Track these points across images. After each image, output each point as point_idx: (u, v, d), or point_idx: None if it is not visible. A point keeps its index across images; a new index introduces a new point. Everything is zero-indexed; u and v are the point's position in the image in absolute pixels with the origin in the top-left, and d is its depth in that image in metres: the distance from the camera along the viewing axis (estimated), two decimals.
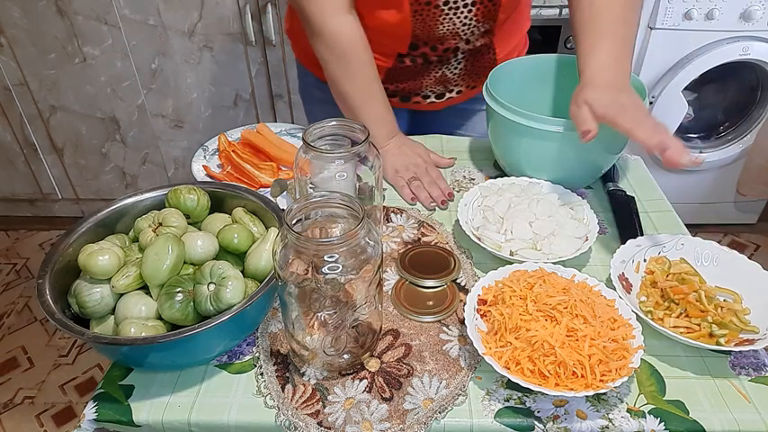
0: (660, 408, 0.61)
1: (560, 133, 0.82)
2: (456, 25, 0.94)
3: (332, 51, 0.91)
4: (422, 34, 0.95)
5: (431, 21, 0.93)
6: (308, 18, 0.89)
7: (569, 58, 0.99)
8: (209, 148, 1.00)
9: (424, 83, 1.06)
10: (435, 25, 0.93)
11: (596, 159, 0.88)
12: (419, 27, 0.94)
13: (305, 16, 0.90)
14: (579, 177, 0.91)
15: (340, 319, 0.61)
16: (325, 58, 0.92)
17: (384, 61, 1.01)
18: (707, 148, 1.99)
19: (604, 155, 0.88)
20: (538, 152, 0.87)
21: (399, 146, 0.98)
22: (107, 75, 1.86)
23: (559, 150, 0.85)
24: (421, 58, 1.00)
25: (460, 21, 0.94)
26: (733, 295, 0.71)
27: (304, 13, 0.89)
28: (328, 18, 0.88)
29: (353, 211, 0.58)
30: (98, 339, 0.59)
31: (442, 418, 0.60)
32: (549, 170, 0.88)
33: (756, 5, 1.65)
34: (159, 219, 0.69)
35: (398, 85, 1.07)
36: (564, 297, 0.64)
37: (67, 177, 2.13)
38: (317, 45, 0.91)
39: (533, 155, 0.88)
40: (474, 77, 1.07)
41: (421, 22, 0.93)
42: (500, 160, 0.96)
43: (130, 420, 0.61)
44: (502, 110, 0.86)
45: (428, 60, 1.01)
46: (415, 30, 0.94)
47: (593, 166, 0.90)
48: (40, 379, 1.71)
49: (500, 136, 0.92)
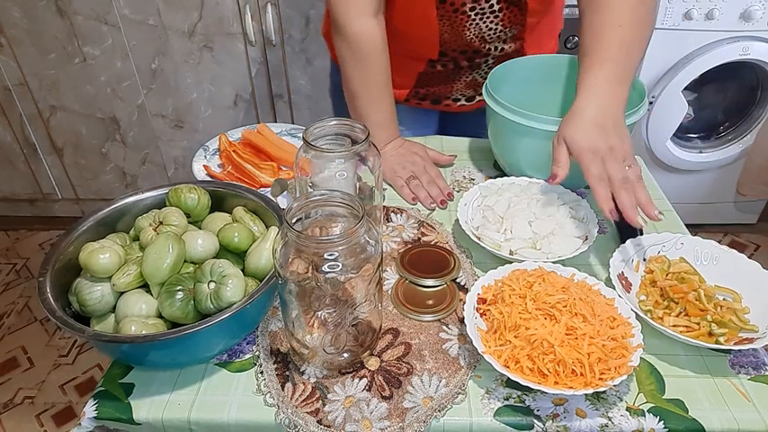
0: (659, 406, 0.61)
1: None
2: (483, 30, 0.95)
3: (352, 51, 0.92)
4: (450, 40, 0.97)
5: (458, 26, 0.94)
6: (334, 16, 0.91)
7: (569, 58, 0.99)
8: (209, 147, 1.00)
9: (455, 87, 1.07)
10: (462, 30, 0.95)
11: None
12: (447, 32, 0.95)
13: (332, 14, 0.91)
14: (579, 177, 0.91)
15: (340, 318, 0.62)
16: (344, 56, 0.93)
17: (416, 66, 1.03)
18: (707, 148, 1.99)
19: None
20: (537, 152, 0.87)
21: (397, 147, 0.98)
22: (107, 75, 1.86)
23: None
24: (452, 63, 1.02)
25: (487, 26, 0.95)
26: (732, 294, 0.71)
27: (331, 10, 0.91)
28: (353, 19, 0.89)
29: (353, 209, 0.58)
30: (98, 337, 0.59)
31: (441, 416, 0.60)
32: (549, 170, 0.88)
33: (756, 5, 1.65)
34: (160, 217, 0.69)
35: (429, 89, 1.08)
36: (563, 296, 0.64)
37: (67, 177, 2.13)
38: (339, 43, 0.93)
39: (533, 155, 0.88)
40: None
41: (448, 26, 0.94)
42: (500, 160, 0.96)
43: (130, 418, 0.61)
44: (502, 110, 0.86)
45: (459, 65, 1.02)
46: (443, 35, 0.96)
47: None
48: (40, 379, 1.71)
49: (500, 136, 0.92)
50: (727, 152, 1.97)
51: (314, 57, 1.81)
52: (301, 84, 1.87)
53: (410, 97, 1.10)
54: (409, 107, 1.14)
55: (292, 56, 1.81)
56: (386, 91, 0.96)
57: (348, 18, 0.89)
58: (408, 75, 1.06)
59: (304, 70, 1.84)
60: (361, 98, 0.95)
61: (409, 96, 1.10)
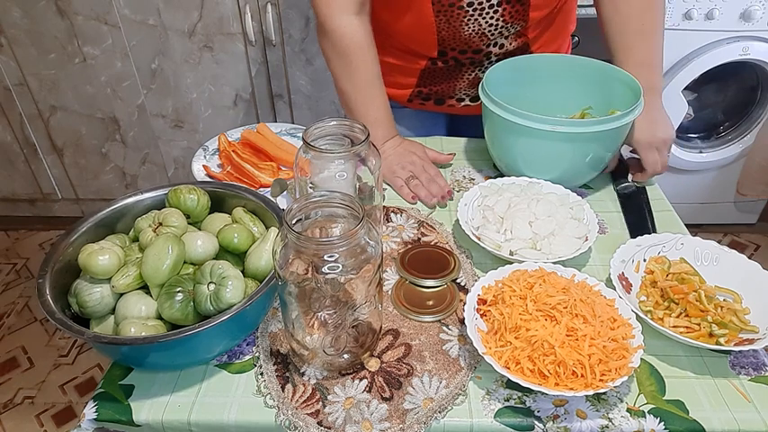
0: (660, 407, 0.61)
1: (556, 132, 0.82)
2: (482, 26, 0.94)
3: (334, 49, 0.92)
4: (448, 37, 0.96)
5: (455, 22, 0.93)
6: (316, 14, 0.91)
7: (564, 58, 0.99)
8: (209, 147, 1.00)
9: (458, 85, 1.05)
10: (460, 26, 0.93)
11: (594, 156, 0.88)
12: (444, 29, 0.94)
13: (314, 12, 0.92)
14: (579, 175, 0.91)
15: (340, 319, 0.61)
16: (328, 54, 0.94)
17: (417, 63, 1.02)
18: (707, 148, 1.99)
19: (602, 152, 0.88)
20: (535, 151, 0.87)
21: (395, 146, 0.98)
22: (107, 75, 1.86)
23: (556, 149, 0.85)
24: (453, 60, 1.01)
25: (486, 22, 0.93)
26: (733, 295, 0.71)
27: (313, 8, 0.91)
28: (335, 16, 0.89)
29: (353, 210, 0.58)
30: (98, 339, 0.59)
31: (441, 417, 0.60)
32: (548, 169, 0.88)
33: (756, 5, 1.65)
34: (159, 218, 0.69)
35: (432, 88, 1.07)
36: (564, 297, 0.64)
37: (67, 177, 2.12)
38: (322, 41, 0.93)
39: (530, 154, 0.88)
40: None
41: (445, 23, 0.93)
42: (498, 161, 0.96)
43: (130, 420, 0.61)
44: (498, 109, 0.86)
45: (460, 63, 1.01)
46: (441, 32, 0.95)
47: (592, 162, 0.90)
48: (40, 379, 1.71)
49: (496, 136, 0.92)
50: (727, 152, 1.97)
51: (314, 57, 1.81)
52: (301, 84, 1.87)
53: (413, 97, 1.09)
54: (414, 111, 1.13)
55: (292, 56, 1.81)
56: (376, 89, 0.95)
57: (329, 16, 0.90)
58: (410, 73, 1.05)
59: (304, 70, 1.84)
60: (351, 96, 0.95)
61: (412, 96, 1.09)
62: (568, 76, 0.98)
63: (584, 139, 0.83)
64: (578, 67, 0.97)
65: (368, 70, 0.93)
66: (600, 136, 0.84)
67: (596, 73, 0.96)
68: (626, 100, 0.90)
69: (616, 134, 0.86)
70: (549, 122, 0.82)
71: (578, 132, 0.82)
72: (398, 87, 1.08)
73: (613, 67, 0.94)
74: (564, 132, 0.82)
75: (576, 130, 0.82)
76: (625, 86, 0.91)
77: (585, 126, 0.82)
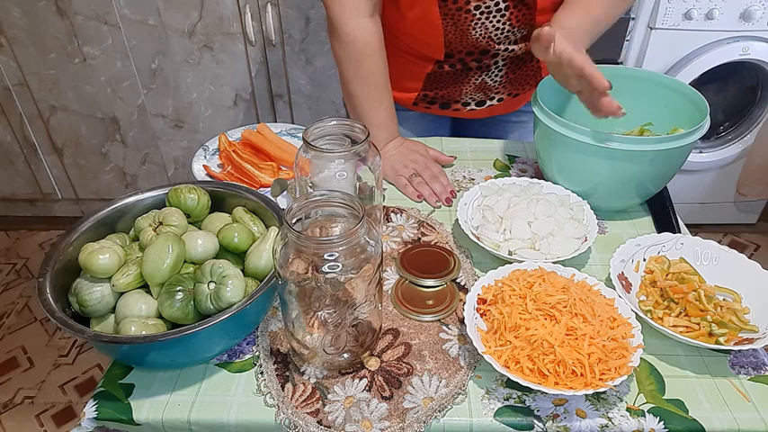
0: (659, 407, 0.61)
1: (609, 149, 0.77)
2: (489, 30, 0.93)
3: (346, 51, 0.92)
4: (455, 40, 0.95)
5: (462, 25, 0.92)
6: (328, 16, 0.91)
7: (625, 69, 0.95)
8: (209, 147, 1.00)
9: (464, 90, 1.05)
10: (467, 29, 0.93)
11: (647, 181, 0.83)
12: (451, 32, 0.94)
13: (327, 14, 0.91)
14: (626, 198, 0.87)
15: (340, 318, 0.62)
16: (339, 56, 0.94)
17: (423, 66, 1.02)
18: (707, 148, 1.99)
19: (656, 180, 0.84)
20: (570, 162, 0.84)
21: (398, 146, 0.98)
22: (107, 75, 1.86)
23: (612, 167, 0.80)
24: (460, 63, 1.00)
25: (493, 25, 0.93)
26: (732, 294, 0.71)
27: (326, 10, 0.91)
28: (347, 19, 0.89)
29: (353, 210, 0.58)
30: (98, 338, 0.59)
31: (441, 416, 0.60)
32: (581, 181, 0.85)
33: (756, 5, 1.65)
34: (160, 218, 0.69)
35: (438, 92, 1.06)
36: (563, 296, 0.64)
37: (67, 177, 2.12)
38: (333, 42, 0.93)
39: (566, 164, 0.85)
40: (516, 85, 1.05)
41: (452, 26, 0.93)
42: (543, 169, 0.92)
43: (131, 419, 0.61)
44: (550, 121, 0.82)
45: (467, 66, 1.01)
46: (448, 35, 0.94)
47: (644, 187, 0.84)
48: (40, 379, 1.71)
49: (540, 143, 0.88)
50: (727, 152, 1.97)
51: (314, 57, 1.81)
52: (301, 84, 1.87)
53: (418, 101, 1.08)
54: (419, 114, 1.12)
55: (292, 56, 1.81)
56: (384, 91, 0.95)
57: (343, 18, 0.89)
58: (416, 76, 1.05)
59: (304, 70, 1.84)
60: (360, 99, 0.95)
61: (417, 100, 1.08)
62: (631, 90, 0.91)
63: (641, 159, 0.78)
64: (642, 81, 0.92)
65: (378, 74, 0.93)
66: (657, 161, 0.78)
67: (659, 87, 0.91)
68: (689, 118, 0.84)
69: (678, 154, 0.79)
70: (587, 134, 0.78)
71: (635, 151, 0.77)
72: (404, 91, 1.07)
73: (679, 82, 0.89)
74: (617, 150, 0.77)
75: (631, 148, 0.76)
76: (691, 104, 0.86)
77: (643, 144, 0.76)
